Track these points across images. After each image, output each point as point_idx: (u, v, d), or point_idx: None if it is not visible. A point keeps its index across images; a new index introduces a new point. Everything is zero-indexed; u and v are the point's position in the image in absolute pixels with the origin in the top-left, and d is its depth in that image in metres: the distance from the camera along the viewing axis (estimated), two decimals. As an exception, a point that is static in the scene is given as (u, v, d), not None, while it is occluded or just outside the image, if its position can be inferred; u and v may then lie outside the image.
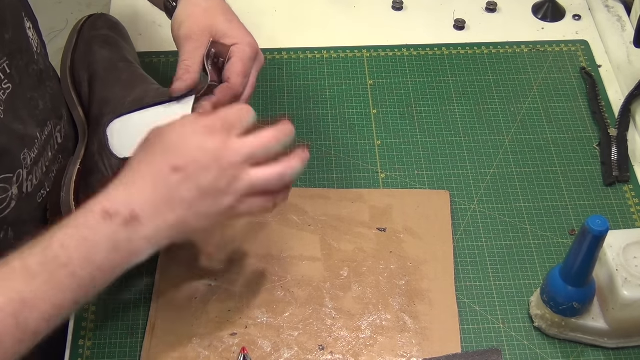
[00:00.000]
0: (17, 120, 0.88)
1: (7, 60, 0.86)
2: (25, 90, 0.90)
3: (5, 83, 0.86)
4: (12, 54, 0.87)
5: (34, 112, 0.91)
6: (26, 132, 0.89)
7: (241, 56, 0.93)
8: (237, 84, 0.92)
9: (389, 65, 1.19)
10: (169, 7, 0.99)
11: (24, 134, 0.89)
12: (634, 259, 0.88)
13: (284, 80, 1.17)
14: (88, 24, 1.06)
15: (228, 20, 0.95)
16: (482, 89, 1.16)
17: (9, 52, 0.87)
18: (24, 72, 0.90)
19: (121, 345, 0.91)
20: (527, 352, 0.91)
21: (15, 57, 0.88)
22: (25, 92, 0.90)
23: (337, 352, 0.91)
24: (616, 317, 0.88)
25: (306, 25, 1.26)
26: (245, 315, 0.93)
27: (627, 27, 1.23)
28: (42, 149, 0.92)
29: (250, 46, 0.94)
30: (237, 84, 0.92)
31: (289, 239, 0.99)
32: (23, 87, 0.89)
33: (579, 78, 1.18)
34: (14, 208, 0.88)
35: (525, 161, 1.08)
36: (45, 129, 0.93)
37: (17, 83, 0.88)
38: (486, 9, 1.27)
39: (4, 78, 0.86)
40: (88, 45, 1.03)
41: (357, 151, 1.09)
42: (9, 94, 0.86)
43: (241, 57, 0.93)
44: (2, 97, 0.85)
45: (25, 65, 0.90)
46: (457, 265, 0.98)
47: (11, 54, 0.87)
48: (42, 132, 0.92)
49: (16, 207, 0.89)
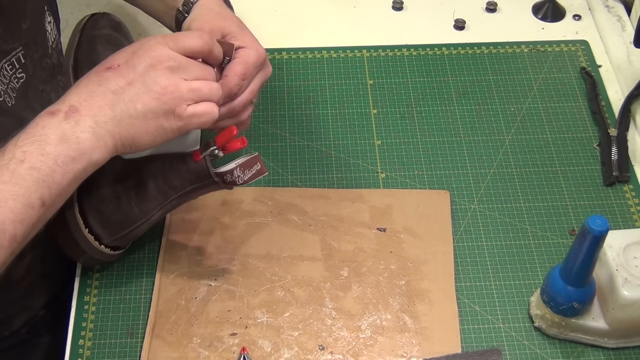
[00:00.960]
0: (29, 109, 0.88)
1: (23, 50, 0.88)
2: (38, 82, 0.91)
3: (20, 72, 0.87)
4: (27, 44, 0.89)
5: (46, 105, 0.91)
6: None
7: (245, 59, 0.92)
8: (231, 83, 0.90)
9: (389, 65, 1.19)
10: (180, 19, 0.99)
11: None
12: (634, 259, 0.88)
13: (284, 80, 1.17)
14: (90, 22, 1.06)
15: (240, 27, 0.95)
16: (482, 89, 1.16)
17: (24, 43, 0.88)
18: (37, 64, 0.90)
19: (121, 345, 0.91)
20: (527, 352, 0.91)
21: (30, 48, 0.89)
22: (38, 84, 0.91)
23: (337, 352, 0.91)
24: (616, 317, 0.88)
25: (306, 25, 1.26)
26: (245, 315, 0.93)
27: (627, 27, 1.23)
28: None
29: (257, 52, 0.93)
30: (231, 83, 0.90)
31: (289, 239, 0.99)
32: (36, 79, 0.90)
33: (579, 78, 1.18)
34: None
35: (525, 161, 1.08)
36: None
37: (31, 74, 0.89)
38: (486, 9, 1.27)
39: (18, 67, 0.87)
40: (91, 44, 1.03)
41: (357, 151, 1.09)
42: (22, 83, 0.87)
43: (245, 59, 0.92)
44: (15, 86, 0.86)
45: (39, 57, 0.91)
46: (457, 265, 0.98)
47: (27, 44, 0.88)
48: None
49: None
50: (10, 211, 0.74)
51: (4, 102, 0.84)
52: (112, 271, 0.97)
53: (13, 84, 0.86)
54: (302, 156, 1.08)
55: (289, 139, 1.10)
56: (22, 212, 0.75)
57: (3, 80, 0.84)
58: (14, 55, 0.86)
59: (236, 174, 0.89)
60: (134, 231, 0.92)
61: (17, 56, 0.87)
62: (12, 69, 0.86)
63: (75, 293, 0.96)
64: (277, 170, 1.06)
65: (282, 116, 1.13)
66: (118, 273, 0.97)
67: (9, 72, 0.85)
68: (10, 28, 0.86)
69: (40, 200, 0.76)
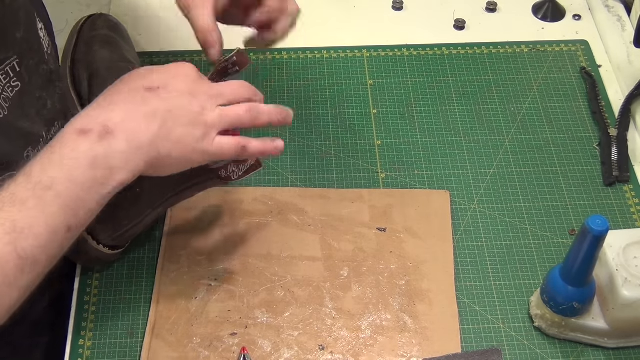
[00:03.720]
0: (24, 118, 0.88)
1: (18, 58, 0.87)
2: (35, 90, 0.90)
3: (14, 81, 0.86)
4: (22, 52, 0.88)
5: (42, 111, 0.91)
6: (32, 130, 0.89)
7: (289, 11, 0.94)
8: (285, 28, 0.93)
9: (389, 65, 1.19)
10: None
11: (29, 132, 0.89)
12: (634, 259, 0.88)
13: (284, 80, 1.17)
14: (88, 24, 1.06)
15: None
16: (482, 89, 1.16)
17: (19, 51, 0.87)
18: (34, 72, 0.90)
19: (121, 345, 0.92)
20: (527, 352, 0.91)
21: (26, 56, 0.88)
22: (34, 91, 0.90)
23: (337, 352, 0.91)
24: (616, 317, 0.88)
25: (306, 25, 1.25)
26: (245, 315, 0.93)
27: (627, 27, 1.23)
28: None
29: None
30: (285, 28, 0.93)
31: (289, 239, 0.99)
32: (32, 86, 0.90)
33: (579, 78, 1.18)
34: None
35: (525, 161, 1.08)
36: (53, 128, 0.93)
37: (27, 82, 0.88)
38: (486, 9, 1.27)
39: (13, 76, 0.86)
40: (88, 45, 1.03)
41: (357, 151, 1.09)
42: (17, 92, 0.87)
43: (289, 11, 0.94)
44: (9, 95, 0.85)
45: (35, 64, 0.90)
46: (457, 265, 0.98)
47: (22, 52, 0.87)
48: (49, 132, 0.92)
49: None
50: (35, 238, 0.72)
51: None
52: (112, 271, 0.97)
53: (7, 93, 0.85)
54: (302, 156, 1.08)
55: (288, 139, 1.10)
56: (47, 238, 0.73)
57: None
58: (8, 64, 0.85)
59: (230, 169, 0.89)
60: (130, 230, 0.92)
61: (11, 65, 0.85)
62: (6, 78, 0.85)
63: (75, 293, 0.96)
64: (277, 170, 1.06)
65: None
66: (118, 273, 0.97)
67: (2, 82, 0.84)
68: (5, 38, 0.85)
69: (66, 226, 0.75)
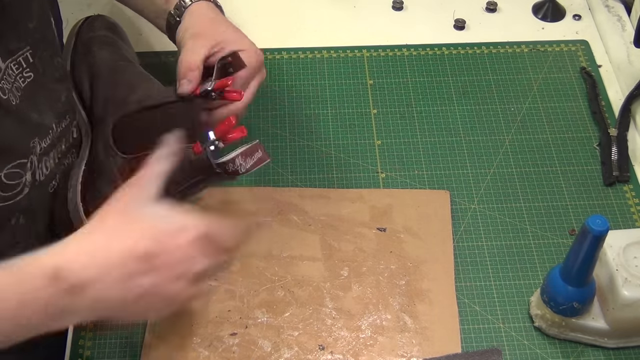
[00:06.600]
0: (35, 109, 0.88)
1: (30, 49, 0.87)
2: (49, 82, 0.90)
3: (27, 72, 0.86)
4: (35, 44, 0.88)
5: (56, 104, 0.91)
6: (42, 122, 0.89)
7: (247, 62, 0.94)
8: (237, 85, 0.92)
9: (389, 65, 1.19)
10: (171, 23, 0.99)
11: (39, 123, 0.89)
12: (634, 259, 0.88)
13: (284, 80, 1.17)
14: (86, 25, 1.06)
15: (235, 30, 0.97)
16: (482, 89, 1.16)
17: (32, 42, 0.87)
18: (48, 63, 0.90)
19: (121, 345, 0.92)
20: (527, 352, 0.91)
21: (39, 47, 0.88)
22: (47, 83, 0.90)
23: (337, 352, 0.91)
24: (616, 317, 0.88)
25: (307, 25, 1.26)
26: (245, 315, 0.93)
27: (627, 27, 1.23)
28: (57, 141, 0.93)
29: (256, 55, 0.96)
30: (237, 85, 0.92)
31: (289, 239, 0.99)
32: (46, 78, 0.90)
33: (579, 78, 1.18)
34: (27, 195, 0.89)
35: (525, 161, 1.08)
36: (63, 121, 0.93)
37: (40, 73, 0.88)
38: (486, 9, 1.27)
39: (25, 67, 0.86)
40: (87, 47, 1.03)
41: (357, 151, 1.09)
42: (30, 82, 0.87)
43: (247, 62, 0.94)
44: (21, 85, 0.86)
45: (49, 56, 0.90)
46: (457, 265, 0.98)
47: (35, 44, 0.88)
48: (59, 124, 0.93)
49: (29, 194, 0.89)
50: None
51: (8, 100, 0.84)
52: (112, 271, 0.97)
53: (18, 83, 0.85)
54: (302, 156, 1.08)
55: (289, 139, 1.10)
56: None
57: (8, 80, 0.84)
58: (20, 54, 0.86)
59: (238, 162, 0.88)
60: None
61: (24, 55, 0.86)
62: (18, 69, 0.85)
63: (75, 293, 0.96)
64: (277, 170, 1.06)
65: (282, 116, 1.13)
66: (118, 273, 0.97)
67: (14, 72, 0.85)
68: (17, 28, 0.85)
69: (6, 338, 0.74)
